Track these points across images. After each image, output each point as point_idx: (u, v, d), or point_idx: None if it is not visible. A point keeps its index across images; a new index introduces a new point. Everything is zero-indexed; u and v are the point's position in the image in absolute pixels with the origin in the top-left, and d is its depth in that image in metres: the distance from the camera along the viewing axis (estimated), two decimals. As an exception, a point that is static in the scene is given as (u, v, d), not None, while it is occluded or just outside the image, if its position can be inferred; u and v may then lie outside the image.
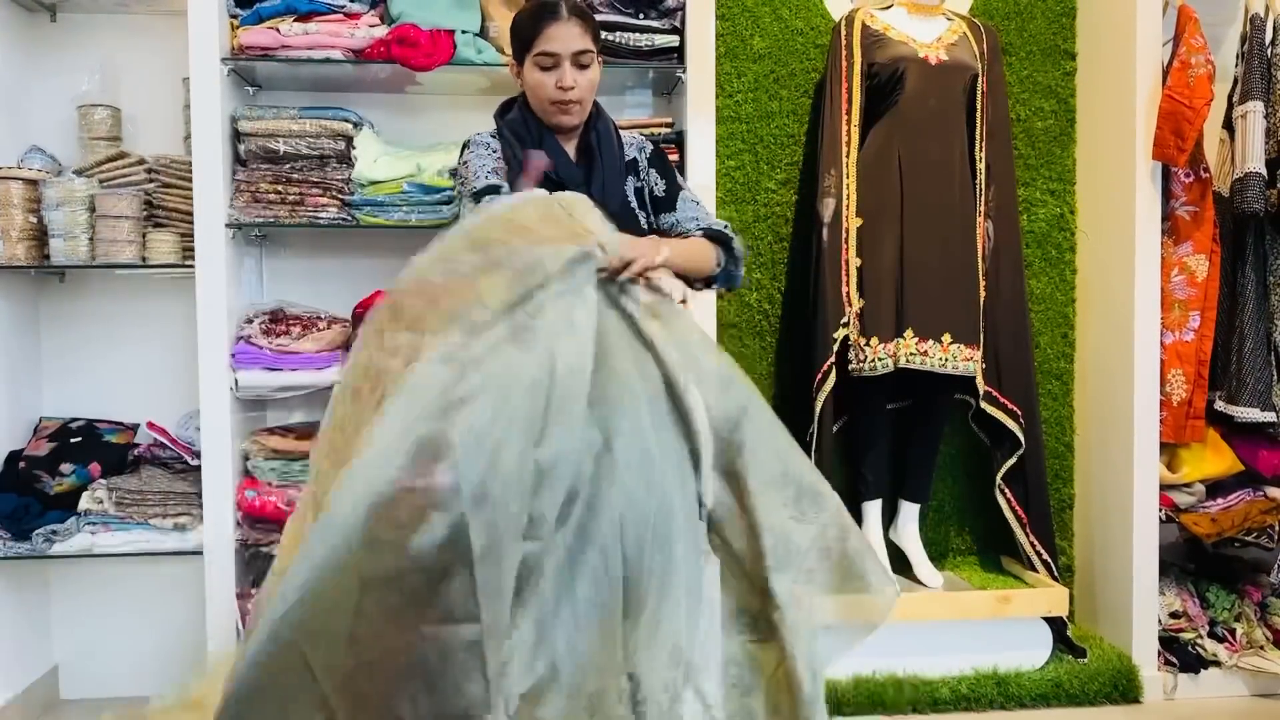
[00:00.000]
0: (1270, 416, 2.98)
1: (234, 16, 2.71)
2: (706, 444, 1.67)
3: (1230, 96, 3.02)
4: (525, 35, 2.01)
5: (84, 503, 2.68)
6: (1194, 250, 2.99)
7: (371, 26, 2.73)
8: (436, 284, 1.59)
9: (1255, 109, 2.89)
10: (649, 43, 2.77)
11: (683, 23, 2.78)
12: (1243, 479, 3.05)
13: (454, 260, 1.59)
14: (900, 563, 2.98)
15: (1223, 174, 3.04)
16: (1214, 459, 3.04)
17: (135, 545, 2.69)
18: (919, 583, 2.96)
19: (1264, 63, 2.92)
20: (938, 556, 3.18)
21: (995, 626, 2.89)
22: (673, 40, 2.79)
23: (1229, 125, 3.02)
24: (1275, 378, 2.99)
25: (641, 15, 2.78)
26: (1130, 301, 2.96)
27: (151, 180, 2.78)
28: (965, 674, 2.86)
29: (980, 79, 2.92)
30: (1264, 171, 2.87)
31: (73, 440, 2.80)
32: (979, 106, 2.93)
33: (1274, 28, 2.95)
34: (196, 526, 2.70)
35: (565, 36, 1.97)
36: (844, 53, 2.92)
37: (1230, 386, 3.02)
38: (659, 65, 2.82)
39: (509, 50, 2.13)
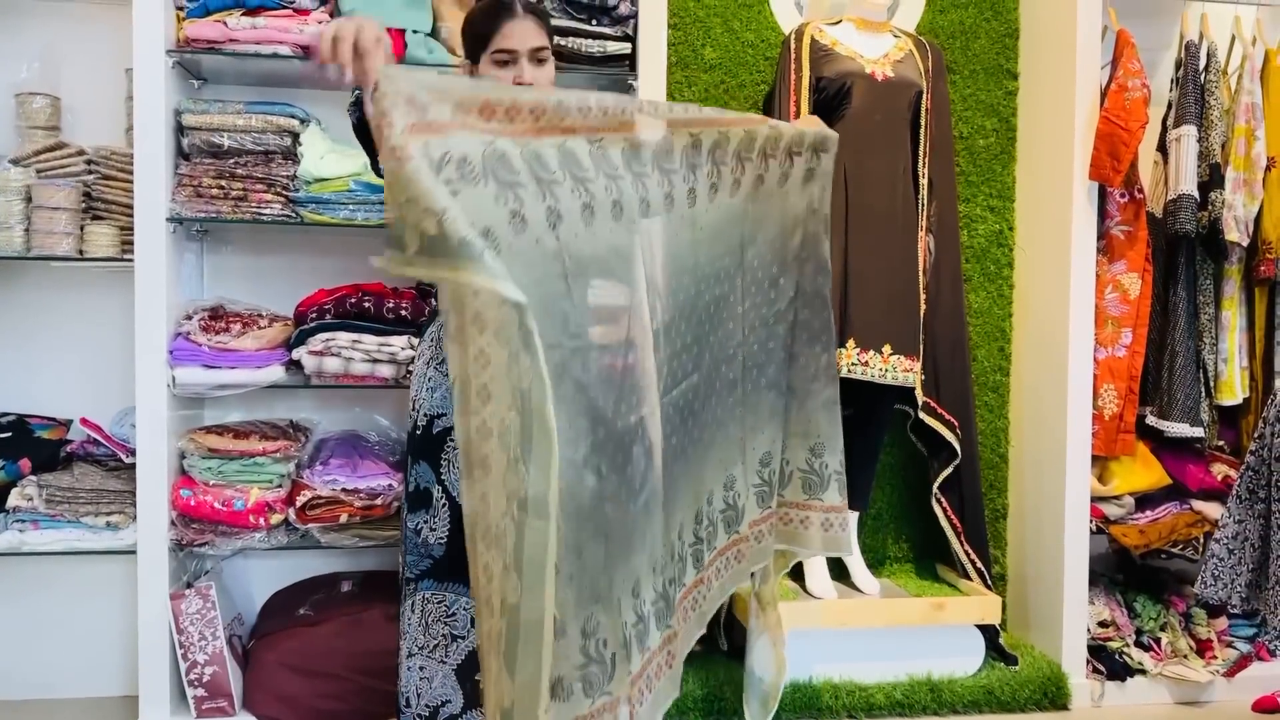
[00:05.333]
0: (1199, 432, 3.06)
1: (180, 8, 2.67)
2: None
3: (1165, 120, 3.11)
4: (481, 32, 1.98)
5: (13, 499, 2.62)
6: (1128, 269, 3.06)
7: (320, 23, 2.70)
8: None
9: (1189, 133, 2.98)
10: (601, 49, 2.78)
11: (635, 30, 2.80)
12: (1170, 492, 3.13)
13: None
14: (838, 569, 3.02)
15: (1156, 195, 3.12)
16: (1143, 472, 3.12)
17: (66, 544, 2.63)
18: (856, 589, 2.99)
19: (1198, 88, 3.01)
20: (875, 564, 3.22)
21: (930, 633, 2.94)
22: (624, 48, 2.80)
23: (1163, 148, 3.10)
24: (1204, 394, 3.08)
25: (594, 21, 2.79)
26: (1065, 317, 3.03)
27: (91, 172, 2.73)
28: (900, 680, 2.91)
29: (925, 96, 2.97)
30: (1196, 194, 2.95)
31: (2, 435, 2.73)
32: (923, 123, 2.98)
33: (1208, 54, 3.05)
34: (130, 525, 2.65)
35: (522, 33, 1.95)
36: (793, 66, 2.95)
37: (1161, 402, 3.10)
38: (610, 72, 2.83)
39: (460, 51, 2.12)
